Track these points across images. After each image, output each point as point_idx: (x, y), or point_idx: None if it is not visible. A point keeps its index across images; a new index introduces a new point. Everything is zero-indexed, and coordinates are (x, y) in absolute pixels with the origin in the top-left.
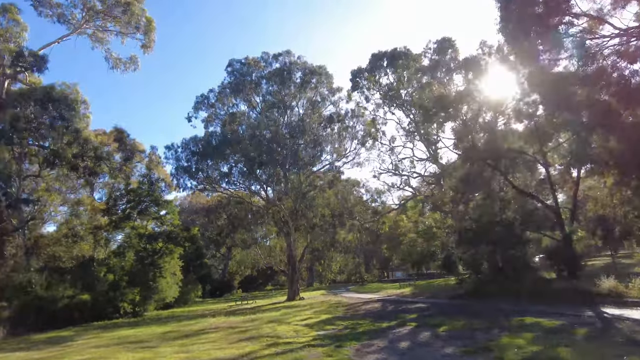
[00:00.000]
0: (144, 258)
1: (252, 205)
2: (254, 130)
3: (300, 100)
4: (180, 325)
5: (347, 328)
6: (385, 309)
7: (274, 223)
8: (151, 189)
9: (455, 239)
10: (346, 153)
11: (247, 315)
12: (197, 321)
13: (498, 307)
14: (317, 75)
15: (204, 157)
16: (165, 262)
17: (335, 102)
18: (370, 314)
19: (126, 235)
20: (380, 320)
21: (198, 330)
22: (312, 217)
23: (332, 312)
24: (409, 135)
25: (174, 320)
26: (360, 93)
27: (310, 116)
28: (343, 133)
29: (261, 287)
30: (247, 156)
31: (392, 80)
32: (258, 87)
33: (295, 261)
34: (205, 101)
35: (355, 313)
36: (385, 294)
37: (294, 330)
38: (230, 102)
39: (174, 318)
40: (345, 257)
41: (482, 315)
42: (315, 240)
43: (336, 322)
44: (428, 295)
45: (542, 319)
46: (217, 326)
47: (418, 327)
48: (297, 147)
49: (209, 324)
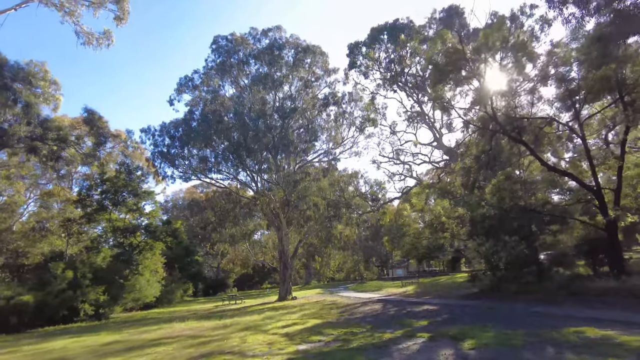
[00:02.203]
0: (120, 254)
1: (240, 197)
2: (237, 108)
3: (292, 81)
4: (137, 332)
5: (337, 340)
6: (386, 312)
7: (263, 215)
8: (129, 178)
9: (467, 230)
10: (343, 141)
11: (222, 320)
12: (160, 327)
13: (529, 309)
14: (311, 54)
15: (185, 142)
16: (144, 259)
17: (331, 84)
18: (369, 319)
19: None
20: (381, 327)
21: (151, 340)
22: (305, 209)
23: (323, 316)
24: (412, 119)
25: (137, 324)
26: (358, 72)
27: (303, 97)
28: (340, 119)
29: (257, 286)
30: (230, 139)
31: (393, 57)
32: (246, 66)
33: (287, 257)
34: (189, 83)
35: (351, 317)
36: (386, 293)
37: (267, 343)
38: (215, 84)
39: (140, 322)
40: (343, 254)
41: (515, 322)
42: (309, 235)
43: (325, 331)
44: (435, 294)
45: (610, 331)
46: (178, 334)
47: (433, 339)
48: (287, 130)
49: (171, 331)
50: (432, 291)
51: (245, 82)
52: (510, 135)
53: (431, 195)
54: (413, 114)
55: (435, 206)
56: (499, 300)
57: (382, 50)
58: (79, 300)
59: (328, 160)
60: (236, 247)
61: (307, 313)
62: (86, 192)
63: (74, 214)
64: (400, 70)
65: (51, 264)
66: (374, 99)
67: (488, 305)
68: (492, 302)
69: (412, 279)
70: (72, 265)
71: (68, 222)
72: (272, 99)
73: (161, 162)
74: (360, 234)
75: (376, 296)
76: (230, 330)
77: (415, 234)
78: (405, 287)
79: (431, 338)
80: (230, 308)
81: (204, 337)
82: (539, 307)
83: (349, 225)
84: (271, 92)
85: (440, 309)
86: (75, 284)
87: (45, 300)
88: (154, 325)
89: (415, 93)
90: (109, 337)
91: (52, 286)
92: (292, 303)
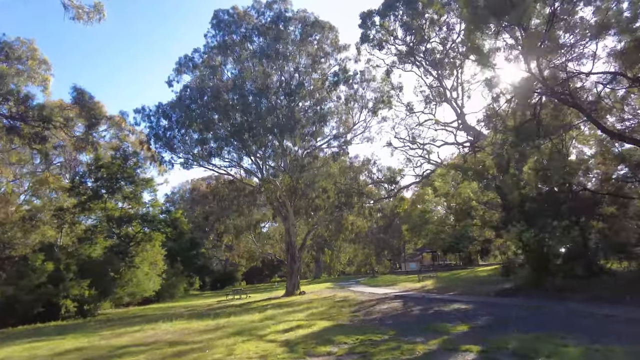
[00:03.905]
0: (114, 245)
1: (244, 185)
2: (237, 82)
3: (299, 60)
4: (112, 335)
5: (352, 353)
6: (409, 312)
7: (269, 205)
8: (125, 164)
9: (500, 216)
10: (354, 126)
11: (216, 320)
12: (142, 328)
13: (596, 311)
14: (319, 29)
15: (182, 123)
16: (143, 250)
17: (341, 62)
18: (390, 321)
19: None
20: (408, 334)
21: (118, 348)
22: (314, 197)
23: (333, 317)
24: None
25: (121, 324)
26: (371, 46)
27: (311, 76)
28: (351, 102)
29: (267, 279)
30: (230, 118)
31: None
32: (249, 43)
33: (295, 250)
34: (189, 63)
35: (367, 318)
36: (402, 288)
37: (259, 356)
38: (217, 62)
39: (126, 321)
40: (354, 246)
41: (592, 330)
42: (318, 226)
43: (336, 338)
44: (460, 290)
45: None
46: (155, 339)
47: (487, 356)
48: (293, 109)
49: (152, 333)
50: (455, 286)
51: (249, 61)
52: (560, 98)
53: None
54: (433, 91)
55: (463, 188)
56: (543, 299)
57: (398, 20)
58: (61, 295)
59: (338, 144)
60: (241, 239)
61: (315, 312)
62: (79, 179)
63: (69, 203)
64: (418, 41)
65: (30, 255)
66: (389, 73)
67: (533, 304)
68: (535, 300)
69: (428, 273)
70: (55, 257)
71: (61, 212)
72: (278, 76)
73: (158, 145)
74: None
75: (393, 292)
76: (220, 334)
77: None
78: (423, 281)
79: (484, 354)
80: (233, 304)
81: (184, 345)
82: (605, 308)
83: (360, 215)
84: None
85: (476, 309)
86: (57, 277)
87: (16, 296)
88: (138, 325)
89: (435, 69)
90: (74, 342)
91: (25, 280)
92: (300, 299)
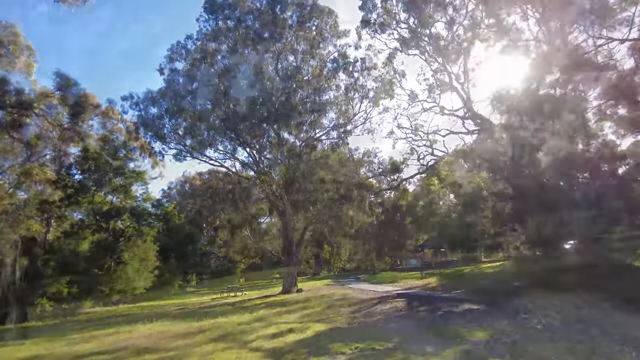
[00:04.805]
0: (101, 240)
1: (240, 177)
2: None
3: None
4: (81, 339)
5: None
6: (415, 313)
7: (266, 198)
8: (115, 155)
9: (513, 207)
10: (354, 117)
11: (203, 321)
12: (117, 331)
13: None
14: (318, 14)
15: (172, 111)
16: (133, 246)
17: (340, 49)
18: (393, 324)
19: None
20: (416, 341)
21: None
22: (312, 190)
23: (330, 318)
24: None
25: (96, 326)
26: (372, 31)
27: (308, 60)
28: (351, 91)
29: (266, 275)
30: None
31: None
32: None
33: (293, 245)
34: (181, 50)
35: (368, 320)
36: (405, 285)
37: None
38: (210, 50)
39: (103, 322)
40: (354, 243)
41: None
42: (317, 221)
43: (332, 346)
44: (467, 288)
45: None
46: (125, 345)
47: None
48: (290, 95)
49: (126, 337)
50: (461, 284)
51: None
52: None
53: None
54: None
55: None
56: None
57: (401, 1)
58: (37, 294)
59: (338, 134)
60: (236, 235)
61: (310, 312)
62: (66, 171)
63: (56, 196)
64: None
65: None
66: (391, 59)
67: (558, 306)
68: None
69: (429, 270)
70: (32, 252)
71: (46, 205)
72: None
73: (148, 135)
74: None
75: (394, 289)
76: (200, 339)
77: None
78: (425, 278)
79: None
80: (226, 302)
81: (153, 353)
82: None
83: (361, 210)
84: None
85: (491, 311)
86: (33, 275)
87: None
88: (115, 327)
89: (440, 55)
90: (31, 349)
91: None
92: (296, 297)
